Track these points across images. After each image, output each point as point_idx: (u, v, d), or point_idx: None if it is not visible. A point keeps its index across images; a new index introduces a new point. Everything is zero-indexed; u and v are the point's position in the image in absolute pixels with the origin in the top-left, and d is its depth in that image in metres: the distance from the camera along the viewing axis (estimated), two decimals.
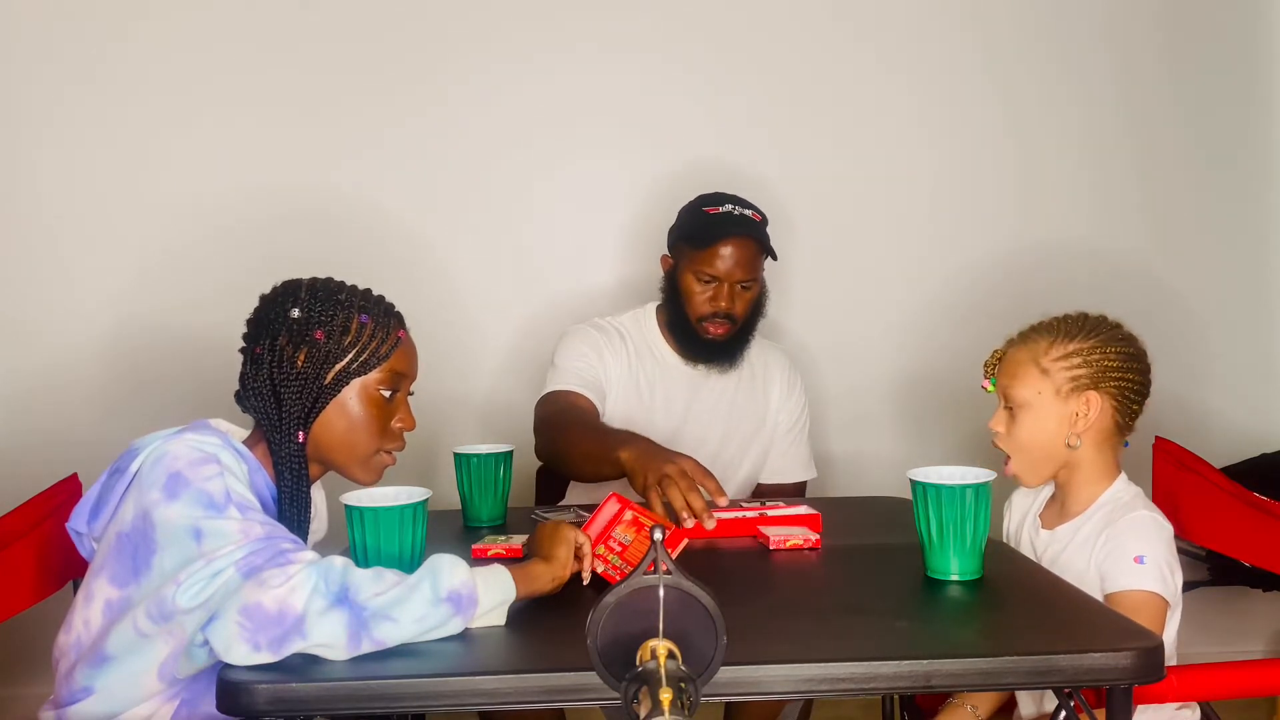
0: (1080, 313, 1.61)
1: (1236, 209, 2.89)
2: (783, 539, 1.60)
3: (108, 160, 2.67)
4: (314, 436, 1.41)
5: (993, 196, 2.84)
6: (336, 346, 1.40)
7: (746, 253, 2.06)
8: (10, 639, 2.27)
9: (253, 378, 1.40)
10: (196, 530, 1.23)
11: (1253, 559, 1.81)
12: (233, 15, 2.67)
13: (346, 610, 1.16)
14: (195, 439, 1.31)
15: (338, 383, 1.40)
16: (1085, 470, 1.58)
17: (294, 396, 1.38)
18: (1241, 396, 2.88)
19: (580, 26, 2.74)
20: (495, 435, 2.13)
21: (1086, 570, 1.53)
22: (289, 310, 1.40)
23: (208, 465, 1.28)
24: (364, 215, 2.72)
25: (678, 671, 0.89)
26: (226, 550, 1.21)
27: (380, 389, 1.42)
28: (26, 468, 2.18)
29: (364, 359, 1.41)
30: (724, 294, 2.06)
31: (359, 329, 1.41)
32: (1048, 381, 1.54)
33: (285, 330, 1.39)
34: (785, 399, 2.22)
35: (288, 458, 1.39)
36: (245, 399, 1.42)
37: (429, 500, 1.41)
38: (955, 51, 2.81)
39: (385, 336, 1.43)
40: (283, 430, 1.39)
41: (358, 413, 1.41)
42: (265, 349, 1.39)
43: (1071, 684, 1.16)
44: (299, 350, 1.39)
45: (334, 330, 1.40)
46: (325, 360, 1.39)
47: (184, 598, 1.20)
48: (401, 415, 1.46)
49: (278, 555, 1.21)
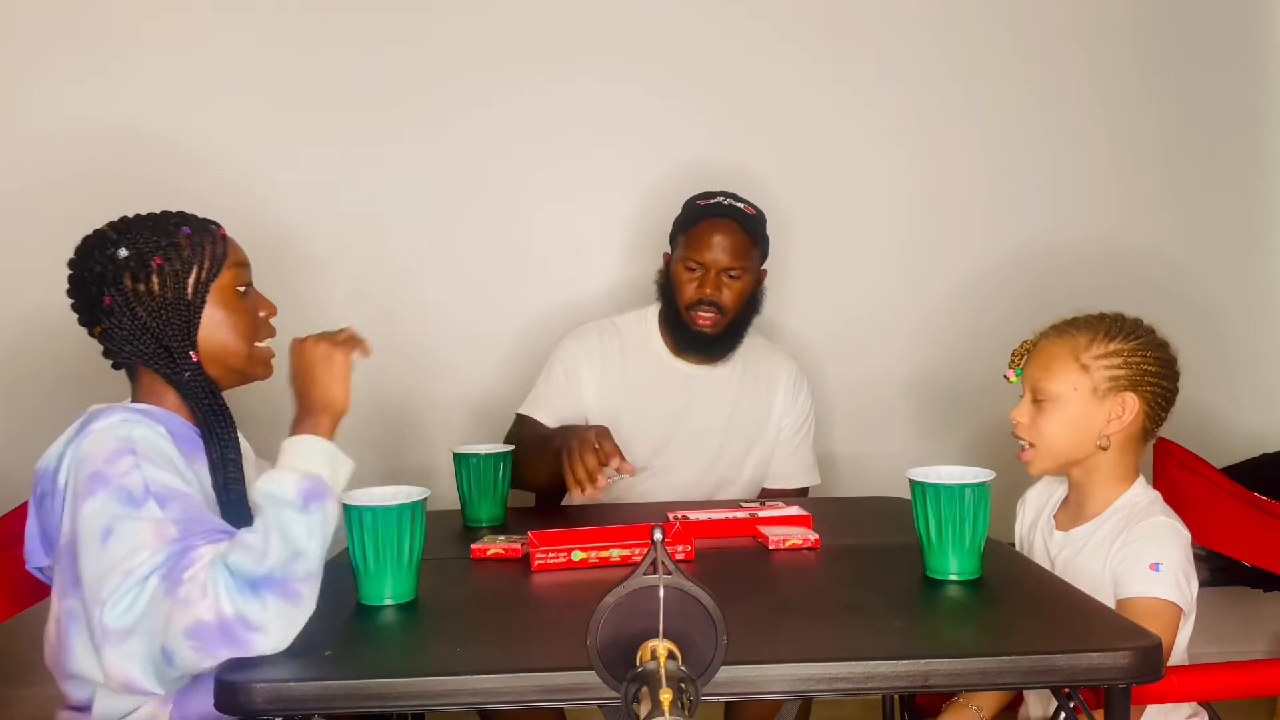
0: (1117, 313, 1.60)
1: (1235, 208, 2.89)
2: (782, 539, 1.60)
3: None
4: (202, 354, 1.42)
5: (997, 196, 2.84)
6: (179, 263, 1.41)
7: (733, 240, 2.07)
8: (10, 639, 2.27)
9: (117, 327, 1.40)
10: (108, 529, 1.23)
11: (1253, 559, 1.80)
12: (233, 12, 2.67)
13: (265, 587, 1.17)
14: (103, 426, 1.31)
15: (199, 294, 1.42)
16: (1105, 472, 1.57)
17: (169, 323, 1.40)
18: (1242, 396, 2.88)
19: (583, 29, 2.74)
20: (495, 436, 2.13)
21: (1101, 574, 1.52)
22: (114, 253, 1.40)
23: (124, 458, 1.28)
24: (365, 215, 2.71)
25: (678, 671, 0.89)
26: (143, 557, 1.20)
27: (236, 286, 1.46)
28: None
29: (209, 265, 1.43)
30: (710, 281, 2.07)
31: (189, 241, 1.43)
32: (1086, 378, 1.53)
33: (123, 271, 1.39)
34: (790, 405, 2.22)
35: (193, 381, 1.41)
36: (119, 353, 1.41)
37: (428, 500, 1.41)
38: (965, 49, 2.80)
39: (213, 239, 1.45)
40: (175, 360, 1.40)
41: (229, 315, 1.44)
42: (114, 296, 1.39)
43: (1070, 683, 1.15)
44: (149, 281, 1.40)
45: (169, 250, 1.41)
46: (178, 278, 1.41)
47: (111, 616, 1.19)
48: (263, 305, 1.50)
49: (185, 555, 1.20)
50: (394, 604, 1.33)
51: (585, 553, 1.50)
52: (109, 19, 2.63)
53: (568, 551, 1.50)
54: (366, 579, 1.32)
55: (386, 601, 1.33)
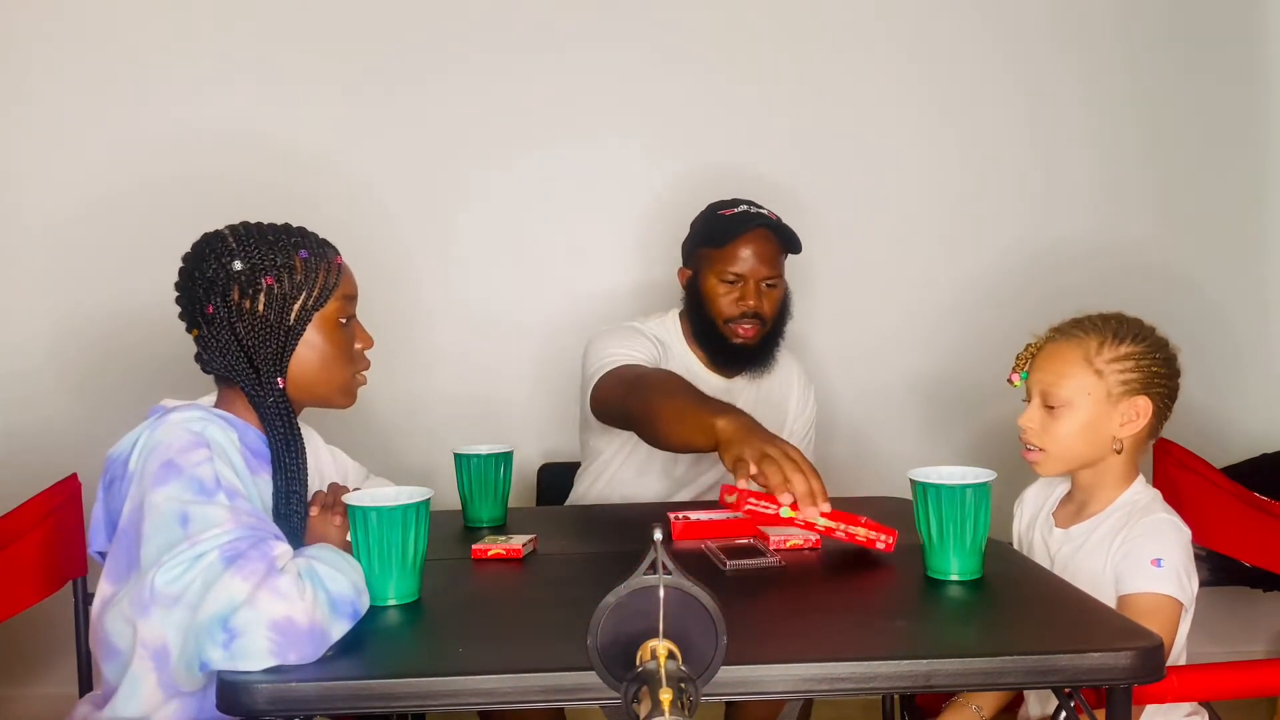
0: (1117, 313, 1.59)
1: (1240, 207, 2.89)
2: (783, 539, 1.59)
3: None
4: (291, 378, 1.42)
5: (1003, 197, 2.84)
6: (290, 287, 1.41)
7: (768, 248, 2.04)
8: (11, 639, 2.27)
9: (214, 338, 1.39)
10: (184, 515, 1.23)
11: (1253, 559, 1.81)
12: (232, 9, 2.68)
13: (344, 611, 1.20)
14: (180, 418, 1.32)
15: (301, 321, 1.41)
16: (1112, 472, 1.57)
17: (264, 345, 1.39)
18: (1242, 396, 2.88)
19: (596, 29, 2.74)
20: (495, 436, 2.13)
21: (1102, 571, 1.52)
22: (229, 264, 1.39)
23: (198, 450, 1.28)
24: (368, 216, 2.71)
25: (678, 671, 0.90)
26: (211, 534, 1.21)
27: (339, 318, 1.45)
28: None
29: (317, 293, 1.42)
30: (750, 292, 2.03)
31: (303, 265, 1.42)
32: (1100, 383, 1.52)
33: (233, 283, 1.39)
34: (801, 408, 2.22)
35: (274, 406, 1.40)
36: (210, 362, 1.41)
37: (430, 500, 1.41)
38: (970, 53, 2.81)
39: (329, 266, 1.45)
40: (262, 381, 1.40)
41: (325, 345, 1.44)
42: (218, 307, 1.39)
43: (1071, 683, 1.15)
44: (255, 300, 1.39)
45: (281, 272, 1.40)
46: (284, 302, 1.40)
47: (162, 579, 1.19)
48: (360, 337, 1.50)
49: (261, 544, 1.21)
50: (397, 604, 1.33)
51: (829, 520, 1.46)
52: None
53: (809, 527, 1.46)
54: (370, 579, 1.32)
55: (390, 601, 1.33)
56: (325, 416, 2.52)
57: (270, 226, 1.45)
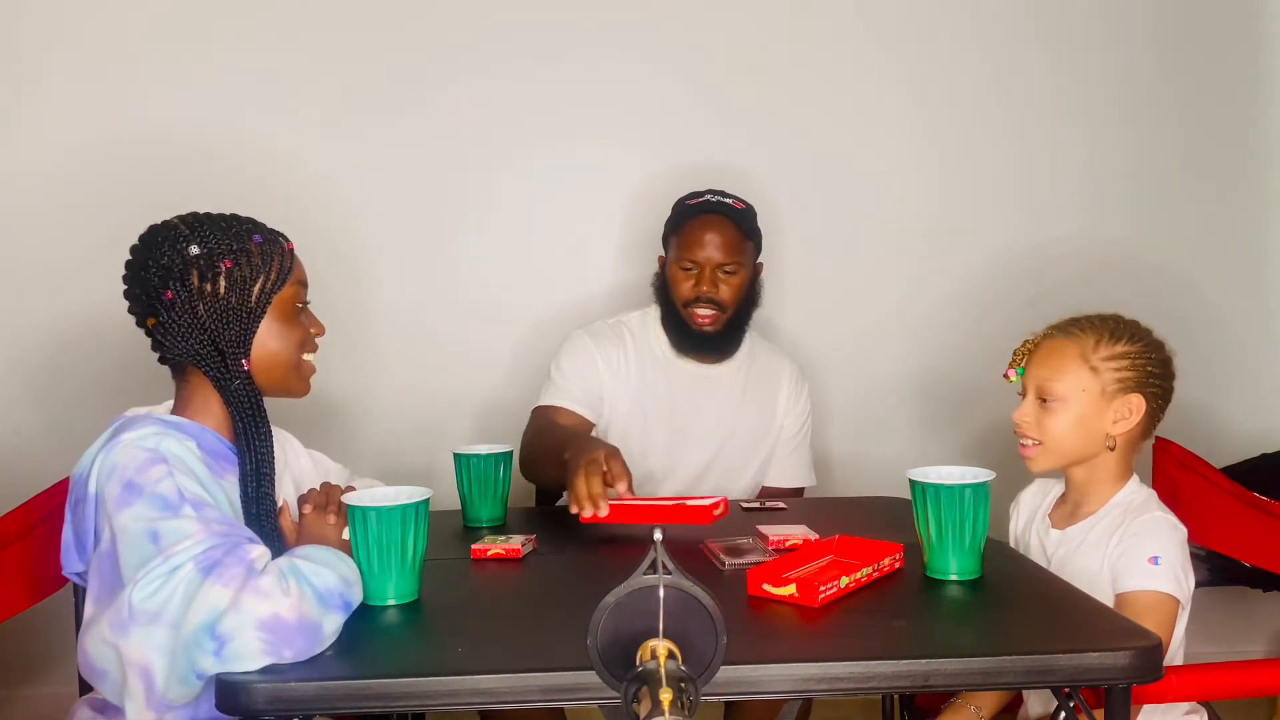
0: (1114, 313, 1.60)
1: (1236, 207, 2.89)
2: (782, 539, 1.60)
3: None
4: (253, 362, 1.42)
5: (994, 196, 2.84)
6: (249, 270, 1.41)
7: (725, 236, 2.07)
8: (11, 639, 2.27)
9: (175, 323, 1.38)
10: (153, 532, 1.23)
11: (1253, 559, 1.81)
12: (231, 6, 2.68)
13: (334, 604, 1.21)
14: (132, 438, 1.31)
15: (261, 303, 1.42)
16: (1106, 470, 1.58)
17: (228, 327, 1.39)
18: (1241, 396, 2.88)
19: (584, 31, 2.74)
20: (495, 436, 2.13)
21: (1099, 570, 1.53)
22: (184, 249, 1.39)
23: (155, 467, 1.28)
24: (365, 216, 2.72)
25: (678, 671, 0.89)
26: (183, 546, 1.20)
27: (295, 302, 1.46)
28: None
29: (274, 276, 1.43)
30: (706, 278, 2.07)
31: (259, 249, 1.42)
32: (1095, 380, 1.54)
33: (191, 268, 1.38)
34: (792, 405, 2.22)
35: (240, 389, 1.40)
36: (171, 349, 1.40)
37: (430, 500, 1.41)
38: (955, 49, 2.81)
39: (282, 252, 1.45)
40: (227, 364, 1.40)
41: (283, 328, 1.44)
42: (178, 292, 1.38)
43: (1070, 683, 1.16)
44: (215, 283, 1.39)
45: (239, 256, 1.41)
46: (244, 284, 1.41)
47: (139, 595, 1.18)
48: (313, 324, 1.51)
49: (235, 549, 1.21)
50: (397, 604, 1.33)
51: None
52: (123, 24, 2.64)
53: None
54: (370, 579, 1.32)
55: (389, 601, 1.33)
56: (325, 416, 2.54)
57: (220, 215, 1.45)
